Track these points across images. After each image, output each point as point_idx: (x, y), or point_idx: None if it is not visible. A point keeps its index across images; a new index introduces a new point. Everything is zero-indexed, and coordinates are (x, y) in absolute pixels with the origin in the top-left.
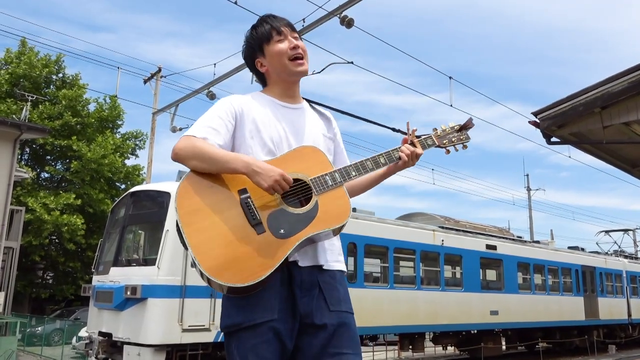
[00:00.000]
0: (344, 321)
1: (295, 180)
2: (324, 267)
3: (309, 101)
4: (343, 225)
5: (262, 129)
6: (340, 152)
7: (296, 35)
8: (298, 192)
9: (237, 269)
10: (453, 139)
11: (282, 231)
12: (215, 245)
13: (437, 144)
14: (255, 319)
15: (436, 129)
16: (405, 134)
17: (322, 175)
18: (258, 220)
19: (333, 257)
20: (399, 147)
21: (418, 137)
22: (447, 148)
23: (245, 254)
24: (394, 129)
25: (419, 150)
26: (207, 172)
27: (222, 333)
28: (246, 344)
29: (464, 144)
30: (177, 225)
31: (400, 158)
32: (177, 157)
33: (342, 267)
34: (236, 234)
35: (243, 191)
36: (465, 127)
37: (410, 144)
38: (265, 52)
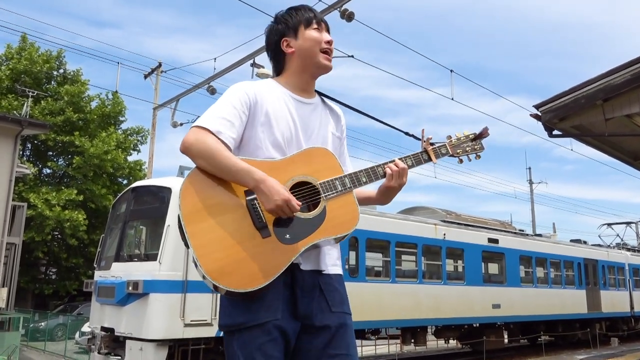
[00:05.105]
0: (344, 322)
1: (304, 183)
2: (324, 272)
3: (321, 94)
4: (350, 233)
5: (274, 123)
6: (342, 152)
7: (330, 37)
8: (306, 195)
9: (239, 273)
10: (467, 149)
11: (287, 236)
12: (218, 248)
13: (451, 153)
14: (259, 319)
15: (450, 137)
16: (418, 139)
17: (331, 180)
18: (264, 224)
19: (332, 261)
20: (386, 163)
21: (432, 144)
22: (461, 157)
23: (248, 258)
24: (407, 133)
25: (401, 164)
26: (213, 174)
27: (222, 332)
28: (252, 343)
29: (478, 154)
30: (180, 222)
31: (385, 175)
32: (186, 151)
33: (340, 271)
34: (240, 236)
35: (250, 192)
36: (480, 136)
37: (423, 152)
38: (298, 34)
